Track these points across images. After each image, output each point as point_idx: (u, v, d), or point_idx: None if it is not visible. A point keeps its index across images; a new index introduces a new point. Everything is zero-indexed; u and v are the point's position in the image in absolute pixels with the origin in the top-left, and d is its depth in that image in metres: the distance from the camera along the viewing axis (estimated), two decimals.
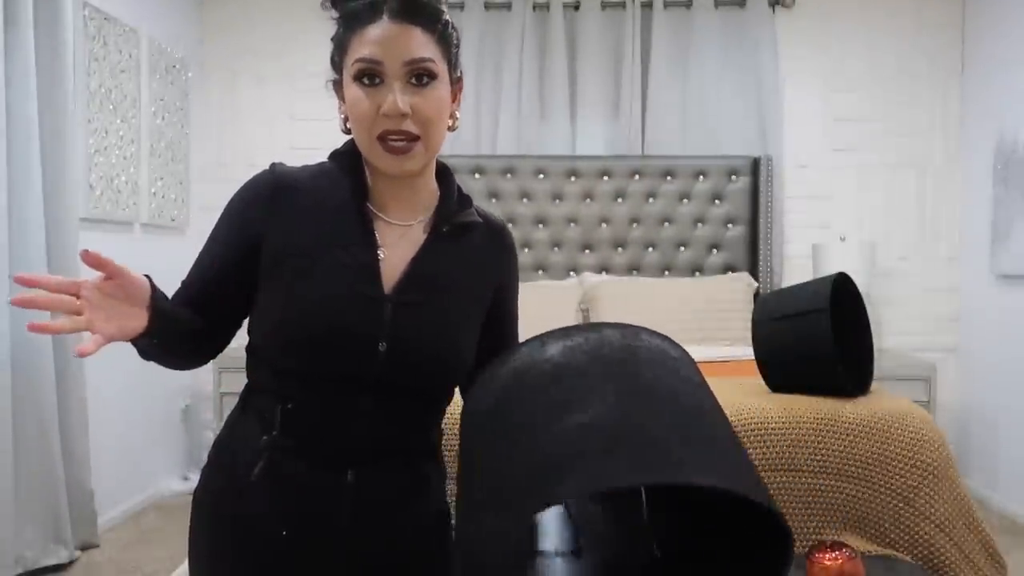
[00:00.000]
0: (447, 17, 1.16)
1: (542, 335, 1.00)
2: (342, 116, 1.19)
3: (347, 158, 1.21)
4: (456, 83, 1.21)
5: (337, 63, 1.17)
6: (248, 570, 1.17)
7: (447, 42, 1.16)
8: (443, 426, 1.29)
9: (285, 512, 1.15)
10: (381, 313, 1.13)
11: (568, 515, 1.21)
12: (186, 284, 1.21)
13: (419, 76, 1.12)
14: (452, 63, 1.18)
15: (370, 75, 1.11)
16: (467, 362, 1.20)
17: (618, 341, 0.96)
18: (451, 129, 1.20)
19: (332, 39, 1.18)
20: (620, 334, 0.97)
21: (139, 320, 1.05)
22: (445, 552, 1.24)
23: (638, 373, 0.92)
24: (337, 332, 1.11)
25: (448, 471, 1.32)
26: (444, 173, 1.26)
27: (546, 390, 0.91)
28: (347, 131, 1.19)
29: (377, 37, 1.10)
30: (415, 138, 1.12)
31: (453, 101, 1.21)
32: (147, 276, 1.08)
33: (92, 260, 1.00)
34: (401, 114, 1.10)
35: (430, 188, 1.24)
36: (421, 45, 1.12)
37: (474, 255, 1.24)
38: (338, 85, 1.18)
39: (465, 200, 1.25)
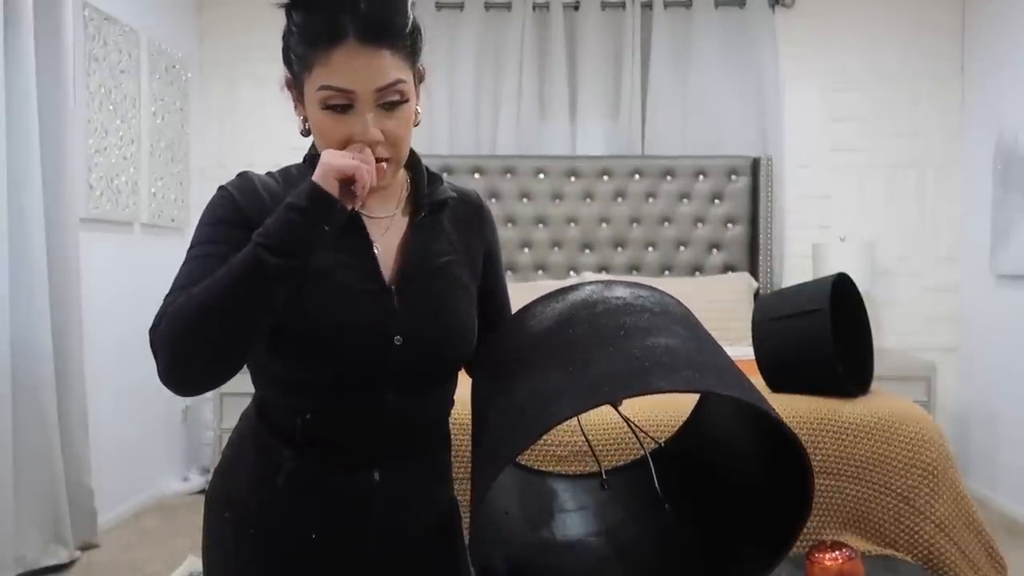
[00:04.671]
0: (412, 22, 1.09)
1: (604, 280, 1.15)
2: (300, 118, 1.14)
3: (317, 161, 1.17)
4: (419, 81, 1.16)
5: (297, 73, 1.10)
6: (277, 573, 1.16)
7: (415, 51, 1.11)
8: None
9: (314, 516, 1.15)
10: (390, 306, 1.13)
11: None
12: (188, 288, 1.06)
13: (390, 100, 1.07)
14: (416, 65, 1.13)
15: (339, 103, 1.06)
16: (475, 335, 1.21)
17: (675, 303, 1.13)
18: (414, 125, 1.15)
19: (284, 38, 1.11)
20: (676, 301, 1.14)
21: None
22: (456, 537, 1.27)
23: (696, 327, 1.10)
24: (352, 334, 1.10)
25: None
26: (410, 157, 1.23)
27: (620, 317, 1.03)
28: (306, 133, 1.15)
29: (345, 64, 1.04)
30: (386, 159, 1.10)
31: (416, 99, 1.14)
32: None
33: None
34: (376, 142, 1.07)
35: (401, 177, 1.22)
36: (392, 68, 1.06)
37: (457, 229, 1.24)
38: (291, 85, 1.14)
39: (435, 178, 1.24)
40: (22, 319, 2.93)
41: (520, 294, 1.42)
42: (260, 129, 4.43)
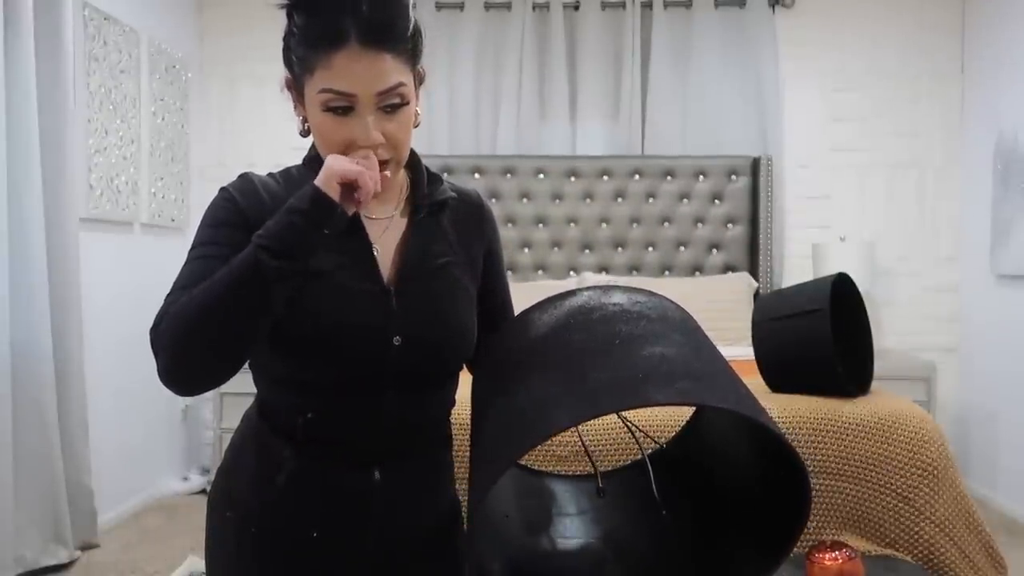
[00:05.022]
0: (414, 24, 1.10)
1: (602, 286, 1.13)
2: (300, 118, 1.14)
3: (317, 163, 1.17)
4: (419, 83, 1.16)
5: (297, 75, 1.11)
6: (280, 572, 1.17)
7: (416, 54, 1.11)
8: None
9: (314, 515, 1.15)
10: (389, 307, 1.13)
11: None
12: (190, 288, 1.06)
13: (391, 102, 1.08)
14: (417, 67, 1.14)
15: (339, 105, 1.06)
16: (475, 335, 1.21)
17: (676, 309, 1.13)
18: (414, 126, 1.15)
19: (285, 39, 1.12)
20: (675, 305, 1.14)
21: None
22: (457, 537, 1.28)
23: (695, 331, 1.09)
24: (351, 335, 1.11)
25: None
26: (410, 158, 1.22)
27: (616, 325, 1.03)
28: (305, 133, 1.15)
29: (347, 67, 1.04)
30: (386, 160, 1.10)
31: (416, 101, 1.14)
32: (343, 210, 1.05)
33: None
34: (377, 145, 1.08)
35: (401, 177, 1.23)
36: (393, 71, 1.06)
37: (457, 229, 1.24)
38: (291, 86, 1.14)
39: (435, 178, 1.25)
40: (22, 319, 2.93)
41: (520, 294, 1.41)
42: (260, 129, 4.43)
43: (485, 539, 1.10)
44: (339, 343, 1.10)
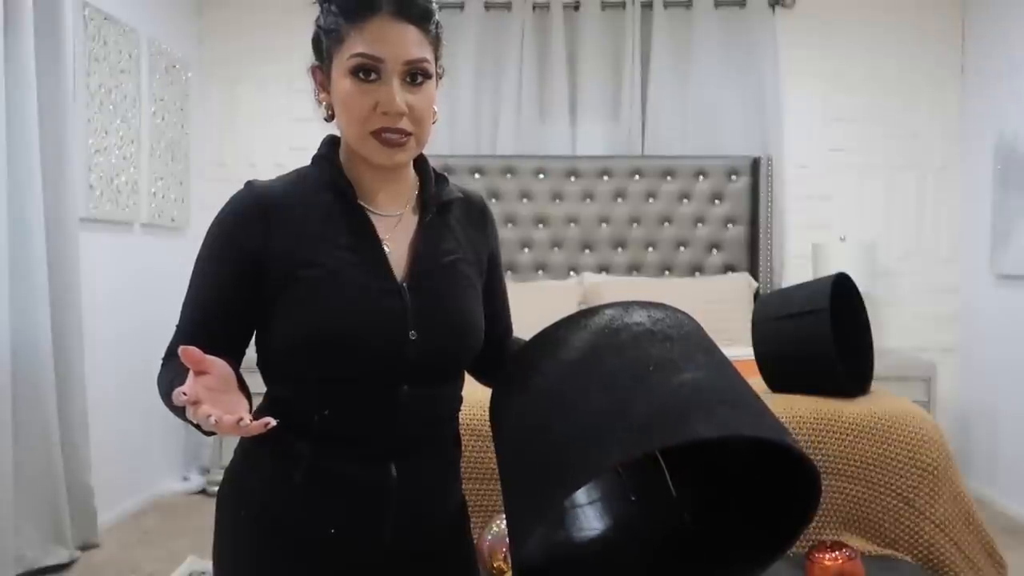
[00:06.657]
0: (437, 15, 1.18)
1: (622, 303, 1.13)
2: (324, 104, 1.19)
3: (327, 161, 1.21)
4: (439, 77, 1.21)
5: (326, 50, 1.16)
6: (295, 570, 1.17)
7: (438, 41, 1.18)
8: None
9: (333, 512, 1.16)
10: (403, 303, 1.15)
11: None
12: (189, 333, 1.14)
13: (414, 75, 1.13)
14: (438, 60, 1.20)
15: (368, 71, 1.11)
16: (483, 330, 1.24)
17: (690, 322, 1.14)
18: (432, 122, 1.20)
19: (318, 24, 1.17)
20: (687, 317, 1.15)
21: (242, 403, 1.00)
22: (465, 533, 1.31)
23: (713, 349, 1.11)
24: (368, 332, 1.12)
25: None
26: (419, 158, 1.27)
27: (646, 348, 1.05)
28: (329, 119, 1.19)
29: (378, 34, 1.11)
30: (408, 134, 1.14)
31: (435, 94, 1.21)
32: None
33: (190, 359, 0.95)
34: (400, 113, 1.12)
35: (411, 177, 1.25)
36: (419, 45, 1.13)
37: (463, 228, 1.28)
38: (317, 70, 1.19)
39: (442, 179, 1.28)
40: (22, 319, 2.93)
41: (520, 294, 1.42)
42: (260, 129, 4.43)
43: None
44: (357, 339, 1.12)
